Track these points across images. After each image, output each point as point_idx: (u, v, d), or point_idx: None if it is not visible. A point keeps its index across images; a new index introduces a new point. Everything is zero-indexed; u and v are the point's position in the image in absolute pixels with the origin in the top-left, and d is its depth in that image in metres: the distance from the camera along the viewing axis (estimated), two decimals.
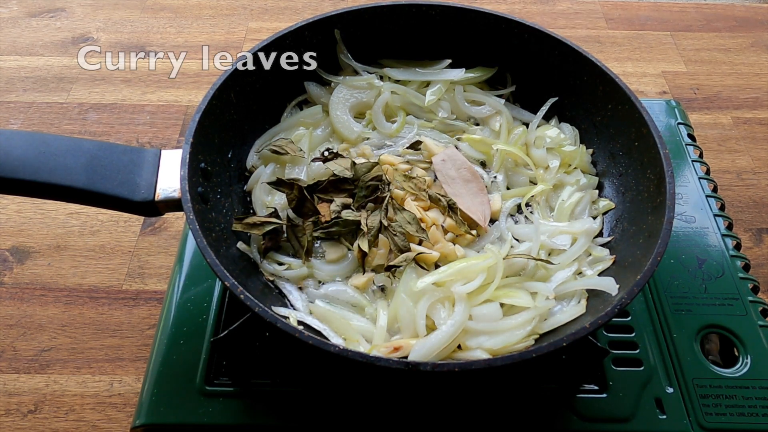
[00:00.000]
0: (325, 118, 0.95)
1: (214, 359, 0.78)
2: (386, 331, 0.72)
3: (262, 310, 0.61)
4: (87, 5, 1.57)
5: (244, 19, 1.55)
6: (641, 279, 0.64)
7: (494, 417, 0.74)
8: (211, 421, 0.73)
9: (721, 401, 0.75)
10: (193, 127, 0.75)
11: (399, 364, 0.58)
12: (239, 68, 0.84)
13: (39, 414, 0.88)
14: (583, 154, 0.91)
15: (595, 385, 0.77)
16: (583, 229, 0.81)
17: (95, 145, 0.73)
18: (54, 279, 1.03)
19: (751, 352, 0.79)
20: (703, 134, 1.29)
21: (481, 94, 0.98)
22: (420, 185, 0.85)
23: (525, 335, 0.70)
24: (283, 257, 0.80)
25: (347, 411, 0.74)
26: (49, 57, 1.41)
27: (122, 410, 0.89)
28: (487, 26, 0.95)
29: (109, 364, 0.93)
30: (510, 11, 1.57)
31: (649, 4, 1.62)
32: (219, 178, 0.82)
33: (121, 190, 0.71)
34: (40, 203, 1.12)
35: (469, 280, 0.73)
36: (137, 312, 0.99)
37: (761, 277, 1.04)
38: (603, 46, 1.50)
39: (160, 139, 1.26)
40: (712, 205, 0.95)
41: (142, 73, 1.39)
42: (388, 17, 0.95)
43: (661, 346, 0.80)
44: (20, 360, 0.93)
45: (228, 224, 0.79)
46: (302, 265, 0.79)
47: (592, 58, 0.87)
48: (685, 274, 0.87)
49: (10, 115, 1.29)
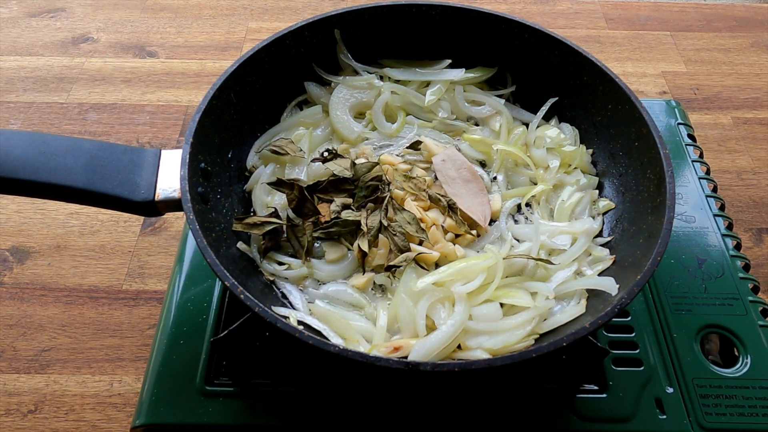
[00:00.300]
0: (325, 118, 0.95)
1: (214, 359, 0.78)
2: (386, 331, 0.72)
3: (262, 310, 0.61)
4: (87, 5, 1.57)
5: (244, 19, 1.55)
6: (641, 279, 0.64)
7: (494, 417, 0.74)
8: (211, 421, 0.73)
9: (721, 401, 0.75)
10: (193, 127, 0.75)
11: (399, 364, 0.58)
12: (239, 68, 0.84)
13: (39, 414, 0.88)
14: (583, 154, 0.91)
15: (595, 385, 0.77)
16: (583, 229, 0.81)
17: (95, 145, 0.73)
18: (54, 279, 1.03)
19: (751, 352, 0.79)
20: (703, 134, 1.29)
21: (481, 94, 0.98)
22: (420, 185, 0.85)
23: (525, 335, 0.70)
24: (283, 257, 0.80)
25: (347, 411, 0.74)
26: (49, 57, 1.42)
27: (122, 410, 0.89)
28: (487, 26, 0.95)
29: (109, 364, 0.93)
30: (510, 11, 1.57)
31: (649, 4, 1.62)
32: (219, 178, 0.82)
33: (121, 190, 0.71)
34: (40, 203, 1.12)
35: (469, 280, 0.73)
36: (137, 312, 0.99)
37: (761, 277, 1.04)
38: (603, 46, 1.50)
39: (160, 139, 1.26)
40: (712, 205, 0.95)
41: (142, 73, 1.39)
42: (388, 17, 0.95)
43: (661, 346, 0.80)
44: (20, 360, 0.93)
45: (228, 224, 0.79)
46: (302, 265, 0.79)
47: (592, 58, 0.87)
48: (685, 274, 0.87)
49: (10, 115, 1.29)
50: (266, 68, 0.89)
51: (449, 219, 0.82)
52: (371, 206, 0.81)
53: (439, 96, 0.95)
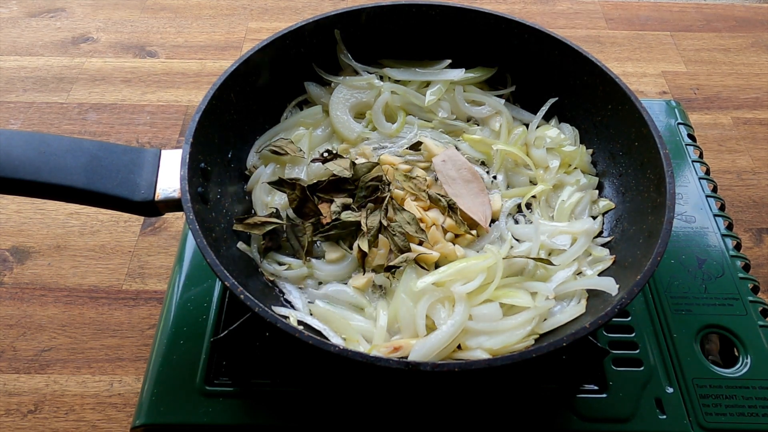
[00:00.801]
0: (325, 118, 0.95)
1: (214, 359, 0.78)
2: (386, 331, 0.72)
3: (262, 310, 0.61)
4: (87, 5, 1.57)
5: (244, 19, 1.55)
6: (641, 279, 0.64)
7: (494, 417, 0.74)
8: (211, 421, 0.73)
9: (721, 401, 0.75)
10: (193, 127, 0.75)
11: (399, 364, 0.58)
12: (239, 68, 0.84)
13: (39, 414, 0.88)
14: (583, 154, 0.91)
15: (595, 385, 0.77)
16: (583, 229, 0.81)
17: (95, 145, 0.73)
18: (54, 279, 1.03)
19: (751, 352, 0.79)
20: (703, 134, 1.29)
21: (481, 94, 0.98)
22: (420, 185, 0.85)
23: (525, 335, 0.70)
24: (283, 257, 0.80)
25: (347, 411, 0.74)
26: (49, 57, 1.42)
27: (122, 410, 0.89)
28: (487, 26, 0.95)
29: (109, 364, 0.93)
30: (510, 11, 1.57)
31: (649, 4, 1.62)
32: (219, 178, 0.82)
33: (121, 190, 0.71)
34: (40, 203, 1.12)
35: (469, 280, 0.73)
36: (137, 312, 0.99)
37: (761, 277, 1.04)
38: (603, 46, 1.50)
39: (160, 139, 1.26)
40: (712, 205, 0.95)
41: (142, 73, 1.39)
42: (388, 17, 0.95)
43: (661, 346, 0.80)
44: (20, 360, 0.93)
45: (228, 224, 0.79)
46: (302, 265, 0.79)
47: (592, 58, 0.87)
48: (685, 274, 0.87)
49: (10, 115, 1.29)
50: (266, 68, 0.89)
51: (449, 219, 0.82)
52: (371, 206, 0.81)
53: (439, 96, 0.95)
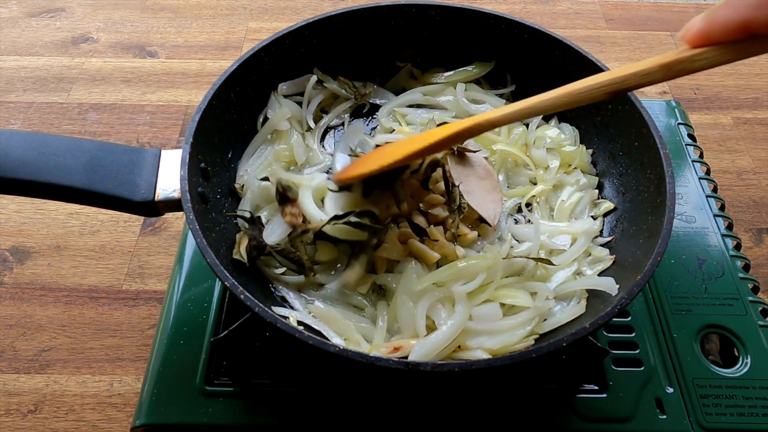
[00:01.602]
0: None
1: (214, 359, 0.78)
2: (386, 331, 0.72)
3: (262, 310, 0.61)
4: (87, 5, 1.57)
5: (244, 19, 1.55)
6: (641, 279, 0.64)
7: (494, 417, 0.74)
8: (211, 421, 0.73)
9: (721, 401, 0.75)
10: (193, 127, 0.75)
11: (399, 364, 0.58)
12: (239, 68, 0.84)
13: (39, 414, 0.88)
14: (583, 154, 0.91)
15: (595, 385, 0.77)
16: (583, 229, 0.81)
17: (95, 145, 0.73)
18: (54, 279, 1.03)
19: (751, 352, 0.79)
20: (703, 134, 1.29)
21: (482, 93, 0.98)
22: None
23: (525, 335, 0.70)
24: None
25: (347, 411, 0.74)
26: (49, 57, 1.42)
27: (122, 410, 0.89)
28: (487, 26, 0.95)
29: (109, 364, 0.93)
30: (510, 11, 1.57)
31: (649, 4, 1.62)
32: (219, 178, 0.82)
33: (121, 190, 0.71)
34: (40, 203, 1.12)
35: (469, 280, 0.73)
36: (137, 312, 0.99)
37: (761, 277, 1.04)
38: (603, 46, 1.50)
39: (160, 139, 1.26)
40: (712, 205, 0.95)
41: (142, 73, 1.39)
42: (388, 17, 0.95)
43: (661, 346, 0.80)
44: (20, 360, 0.93)
45: (228, 224, 0.79)
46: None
47: (592, 58, 0.87)
48: (685, 274, 0.87)
49: (10, 115, 1.29)
50: (266, 68, 0.89)
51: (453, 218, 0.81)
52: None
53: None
